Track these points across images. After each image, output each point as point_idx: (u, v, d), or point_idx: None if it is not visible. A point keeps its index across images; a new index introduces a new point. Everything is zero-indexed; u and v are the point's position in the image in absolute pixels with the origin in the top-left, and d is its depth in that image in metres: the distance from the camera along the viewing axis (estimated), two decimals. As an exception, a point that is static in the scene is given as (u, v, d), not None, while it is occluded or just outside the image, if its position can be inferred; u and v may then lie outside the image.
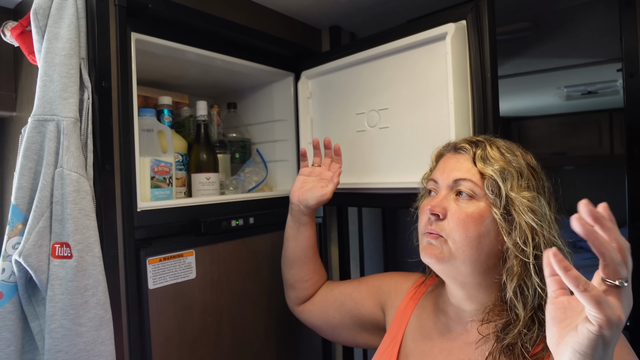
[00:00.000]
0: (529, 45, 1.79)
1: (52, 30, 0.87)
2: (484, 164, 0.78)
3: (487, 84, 0.98)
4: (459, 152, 0.84)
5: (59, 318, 0.83)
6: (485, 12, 0.97)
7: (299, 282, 1.15)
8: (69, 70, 0.87)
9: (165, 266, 1.03)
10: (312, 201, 1.11)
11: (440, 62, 1.02)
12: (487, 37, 0.98)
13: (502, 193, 0.75)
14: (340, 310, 1.09)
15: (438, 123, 1.04)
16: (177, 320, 1.05)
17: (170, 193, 1.16)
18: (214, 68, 1.30)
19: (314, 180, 1.16)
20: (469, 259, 0.77)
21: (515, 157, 0.79)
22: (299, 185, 1.15)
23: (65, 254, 0.84)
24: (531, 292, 0.73)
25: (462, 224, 0.76)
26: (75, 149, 0.86)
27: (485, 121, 0.99)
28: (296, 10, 1.37)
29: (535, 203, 0.75)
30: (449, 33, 0.99)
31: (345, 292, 1.10)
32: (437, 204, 0.79)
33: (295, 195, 1.14)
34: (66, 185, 0.84)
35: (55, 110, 0.85)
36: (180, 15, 1.07)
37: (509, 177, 0.76)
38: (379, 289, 1.05)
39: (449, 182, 0.81)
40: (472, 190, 0.78)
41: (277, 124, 1.52)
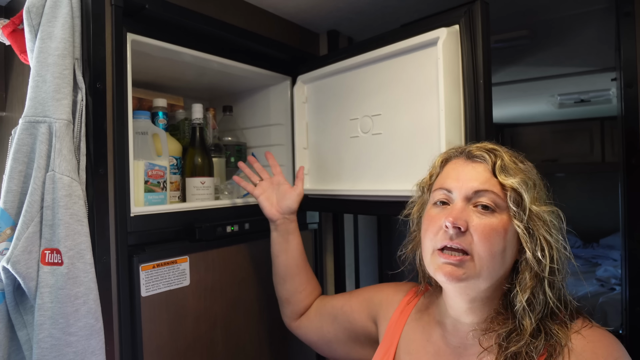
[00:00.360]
0: (525, 53, 1.80)
1: (45, 29, 0.85)
2: (506, 175, 0.74)
3: (479, 91, 0.95)
4: (476, 160, 0.78)
5: (48, 327, 0.80)
6: (478, 16, 0.94)
7: (294, 294, 1.13)
8: (63, 70, 0.84)
9: (158, 273, 1.00)
10: (294, 204, 1.14)
11: (432, 68, 0.99)
12: (481, 42, 0.94)
13: (525, 205, 0.72)
14: (333, 325, 1.06)
15: (431, 130, 1.01)
16: (170, 328, 1.03)
17: (164, 197, 1.14)
18: (210, 70, 1.28)
19: (273, 190, 1.19)
20: (491, 275, 0.74)
21: (526, 165, 0.78)
22: (268, 202, 1.16)
23: (56, 260, 0.81)
24: (540, 302, 0.72)
25: (487, 238, 0.72)
26: (67, 152, 0.83)
27: (477, 128, 0.96)
28: (294, 14, 1.36)
29: (552, 216, 0.74)
30: (440, 38, 0.96)
31: (337, 306, 1.07)
32: (459, 216, 0.73)
33: (273, 212, 1.15)
34: (57, 190, 0.81)
35: (48, 112, 0.83)
36: (177, 17, 1.04)
37: (529, 189, 0.74)
38: (370, 301, 1.02)
39: (467, 193, 0.75)
40: (495, 202, 0.74)
41: (273, 128, 1.50)
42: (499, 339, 0.74)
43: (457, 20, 0.97)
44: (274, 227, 1.15)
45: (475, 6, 0.94)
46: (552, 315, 0.73)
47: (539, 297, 0.72)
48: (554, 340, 0.71)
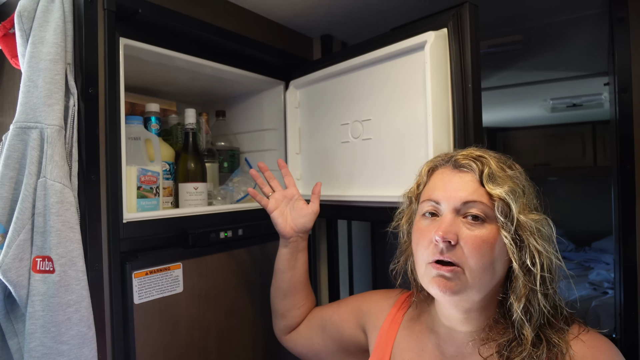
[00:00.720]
0: (518, 58, 1.81)
1: (37, 33, 0.84)
2: (493, 184, 0.73)
3: (468, 95, 0.93)
4: (462, 169, 0.77)
5: (39, 336, 0.79)
6: (467, 19, 0.92)
7: (291, 310, 1.10)
8: (54, 75, 0.83)
9: (151, 280, 0.99)
10: (310, 223, 1.08)
11: (420, 72, 0.98)
12: (469, 45, 0.93)
13: (513, 216, 0.71)
14: (322, 336, 1.04)
15: (419, 135, 1.00)
16: (163, 335, 1.02)
17: (157, 203, 1.13)
18: (203, 75, 1.27)
19: (288, 205, 1.11)
20: (484, 286, 0.73)
21: (516, 172, 0.77)
22: (282, 219, 1.08)
23: (47, 268, 0.80)
24: (537, 311, 0.71)
25: (478, 250, 0.71)
26: (59, 158, 0.82)
27: (465, 133, 0.94)
28: (288, 18, 1.35)
29: (541, 225, 0.73)
30: (428, 42, 0.95)
31: (326, 317, 1.05)
32: (449, 230, 0.72)
33: (288, 229, 1.07)
34: (49, 196, 0.80)
35: (39, 118, 0.82)
36: (171, 21, 1.04)
37: (518, 197, 0.72)
38: (358, 309, 1.00)
39: (455, 205, 0.74)
40: (484, 212, 0.72)
41: (266, 133, 1.50)
42: (499, 348, 0.73)
43: (445, 24, 0.96)
44: (285, 244, 1.09)
45: (464, 9, 0.93)
46: (549, 323, 0.73)
47: (535, 305, 0.71)
48: (556, 349, 0.70)
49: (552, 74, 2.14)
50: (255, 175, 1.16)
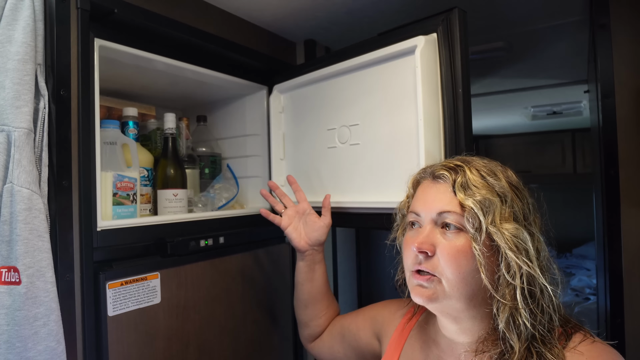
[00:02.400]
0: (500, 65, 1.82)
1: (4, 32, 0.80)
2: (465, 193, 0.72)
3: (458, 100, 0.93)
4: (438, 180, 0.78)
5: (3, 352, 0.74)
6: (456, 24, 0.93)
7: (313, 319, 1.12)
8: (23, 76, 0.79)
9: (127, 291, 0.95)
10: (323, 236, 1.09)
11: (410, 77, 0.98)
12: (459, 50, 0.93)
13: (483, 227, 0.70)
14: (342, 344, 1.06)
15: (409, 140, 0.99)
16: (139, 349, 0.97)
17: (134, 211, 1.08)
18: (184, 79, 1.24)
19: (300, 220, 1.13)
20: (464, 296, 0.73)
21: (497, 179, 0.74)
22: (296, 234, 1.10)
23: (13, 279, 0.75)
24: (523, 322, 0.69)
25: (453, 260, 0.71)
26: (27, 163, 0.78)
27: (456, 138, 0.94)
28: (270, 22, 1.33)
29: (519, 236, 0.70)
30: (418, 46, 0.94)
31: (345, 325, 1.07)
32: (424, 241, 0.74)
33: (302, 244, 1.09)
34: (16, 203, 0.76)
35: (6, 120, 0.77)
36: (149, 22, 1.01)
37: (491, 208, 0.71)
38: (373, 319, 1.01)
39: (432, 216, 0.75)
40: (459, 222, 0.72)
41: (249, 139, 1.47)
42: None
43: (434, 29, 0.96)
44: (301, 257, 1.11)
45: (453, 14, 0.93)
46: (543, 337, 0.70)
47: (520, 319, 0.69)
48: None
49: (533, 81, 2.16)
50: (266, 195, 1.19)
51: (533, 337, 0.69)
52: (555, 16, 1.35)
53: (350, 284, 1.88)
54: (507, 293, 0.70)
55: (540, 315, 0.69)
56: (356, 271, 1.93)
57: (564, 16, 1.34)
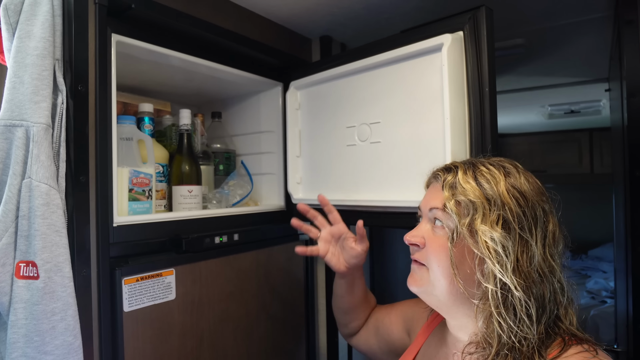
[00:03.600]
0: (518, 63, 1.79)
1: (24, 27, 0.80)
2: (449, 192, 0.75)
3: (484, 98, 0.94)
4: (435, 179, 0.82)
5: (22, 346, 0.74)
6: (483, 22, 0.93)
7: (353, 322, 1.14)
8: (42, 71, 0.79)
9: (142, 287, 0.95)
10: (362, 261, 1.07)
11: (435, 75, 0.98)
12: (486, 49, 0.93)
13: (457, 228, 0.72)
14: (377, 336, 1.09)
15: (433, 139, 0.99)
16: (154, 345, 0.97)
17: (149, 207, 1.09)
18: (199, 75, 1.24)
19: (337, 244, 1.10)
20: (446, 290, 0.75)
21: (493, 182, 0.72)
22: (335, 260, 1.08)
23: (31, 274, 0.76)
24: (499, 325, 0.68)
25: (435, 253, 0.76)
26: (45, 158, 0.78)
27: (482, 137, 0.94)
28: (286, 18, 1.32)
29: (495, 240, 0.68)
30: (445, 44, 0.94)
31: (379, 318, 1.10)
32: (414, 234, 0.80)
33: (342, 268, 1.07)
34: (34, 198, 0.76)
35: (25, 115, 0.77)
36: (166, 18, 1.00)
37: (471, 210, 0.71)
38: (405, 314, 1.04)
39: (425, 211, 0.81)
40: (443, 219, 0.76)
41: (263, 136, 1.46)
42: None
43: (461, 27, 0.95)
44: (341, 276, 1.10)
45: (480, 12, 0.93)
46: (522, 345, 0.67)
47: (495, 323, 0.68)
48: None
49: (552, 79, 2.12)
50: (299, 226, 1.13)
51: (512, 343, 0.67)
52: (577, 12, 1.31)
53: (363, 283, 1.87)
54: (483, 294, 0.70)
55: (519, 325, 0.67)
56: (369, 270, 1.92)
57: (587, 12, 1.31)
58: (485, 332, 0.71)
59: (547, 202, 0.75)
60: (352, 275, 1.09)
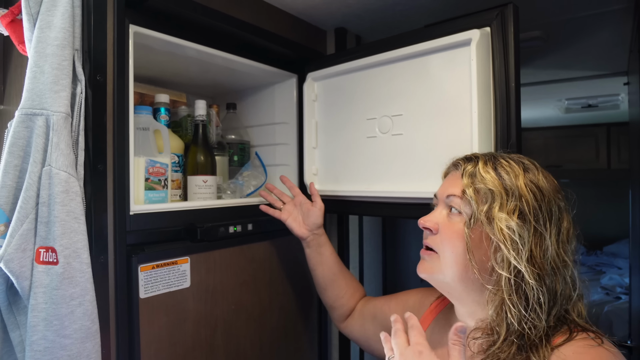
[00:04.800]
0: (536, 56, 1.76)
1: (44, 18, 0.81)
2: (468, 180, 0.77)
3: (511, 94, 0.95)
4: (455, 168, 0.84)
5: (42, 329, 0.76)
6: (510, 19, 0.95)
7: (337, 300, 1.18)
8: (62, 61, 0.81)
9: (158, 274, 0.96)
10: (319, 219, 1.17)
11: (460, 69, 0.99)
12: (512, 45, 0.95)
13: (475, 214, 0.74)
14: (373, 323, 1.10)
15: (458, 133, 1.00)
16: (169, 331, 0.99)
17: (165, 196, 1.10)
18: (214, 66, 1.24)
19: (297, 210, 1.21)
20: (457, 276, 0.77)
21: (512, 175, 0.74)
22: (296, 223, 1.19)
23: (51, 259, 0.77)
24: (511, 313, 0.69)
25: (449, 239, 0.77)
26: (65, 147, 0.80)
27: (508, 132, 0.95)
28: (302, 10, 1.32)
29: (512, 228, 0.70)
30: (473, 39, 0.96)
31: (377, 305, 1.12)
32: (429, 219, 0.81)
33: (303, 230, 1.18)
34: (54, 185, 0.78)
35: (45, 104, 0.79)
36: (182, 9, 1.01)
37: (489, 198, 0.73)
38: (406, 302, 1.06)
39: (443, 198, 0.82)
40: (460, 206, 0.78)
41: (278, 127, 1.46)
42: (482, 347, 0.74)
43: (488, 23, 0.97)
44: (306, 245, 1.19)
45: (508, 10, 0.95)
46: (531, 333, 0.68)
47: (507, 310, 0.69)
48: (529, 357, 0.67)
49: (569, 72, 2.09)
50: (264, 195, 1.26)
51: (522, 331, 0.69)
52: (595, 4, 1.29)
53: (375, 275, 1.88)
54: (496, 282, 0.72)
55: (531, 313, 0.69)
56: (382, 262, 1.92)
57: (606, 4, 1.28)
58: (494, 319, 0.72)
59: (562, 200, 0.76)
60: (315, 241, 1.17)
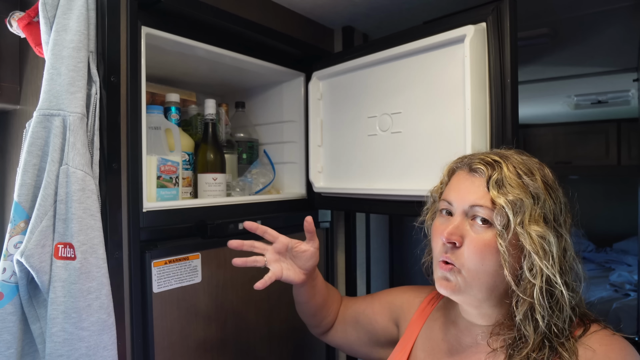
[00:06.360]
0: (544, 52, 1.76)
1: (60, 21, 0.84)
2: (498, 191, 0.73)
3: (506, 90, 0.94)
4: (474, 173, 0.78)
5: (61, 321, 0.79)
6: (506, 14, 0.93)
7: (323, 320, 1.08)
8: (77, 63, 0.83)
9: (170, 269, 0.99)
10: (317, 260, 1.01)
11: (457, 66, 0.98)
12: (508, 40, 0.94)
13: (511, 226, 0.71)
14: (355, 327, 1.07)
15: (454, 130, 1.00)
16: (181, 325, 1.02)
17: (176, 193, 1.13)
18: (223, 65, 1.27)
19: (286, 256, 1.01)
20: (485, 287, 0.75)
21: (534, 179, 0.74)
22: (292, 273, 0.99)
23: (69, 255, 0.81)
24: (540, 318, 0.71)
25: (479, 253, 0.73)
26: (81, 146, 0.82)
27: (503, 129, 0.95)
28: (309, 9, 1.34)
29: (545, 239, 0.71)
30: (467, 35, 0.95)
31: (359, 310, 1.07)
32: (454, 232, 0.75)
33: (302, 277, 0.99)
34: (71, 184, 0.81)
35: (62, 105, 0.82)
36: (192, 10, 1.03)
37: (522, 209, 0.72)
38: (391, 304, 1.03)
39: (464, 207, 0.77)
40: (490, 217, 0.74)
41: (285, 125, 1.49)
42: (504, 343, 0.75)
43: (484, 18, 0.96)
44: (301, 285, 1.01)
45: (504, 4, 0.93)
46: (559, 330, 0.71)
47: (537, 314, 0.71)
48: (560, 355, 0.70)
49: (578, 69, 2.09)
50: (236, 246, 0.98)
51: (548, 331, 0.71)
52: (604, 1, 1.29)
53: (382, 271, 1.90)
54: (527, 289, 0.71)
55: (557, 313, 0.71)
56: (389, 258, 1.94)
57: (615, 0, 1.28)
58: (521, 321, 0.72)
59: (564, 195, 0.78)
60: (311, 279, 1.02)
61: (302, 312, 1.09)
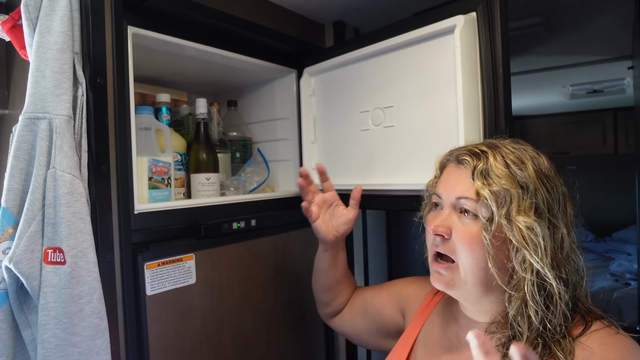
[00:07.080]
0: (537, 42, 1.75)
1: (44, 23, 0.83)
2: (483, 182, 0.71)
3: (498, 80, 0.93)
4: (460, 165, 0.78)
5: (52, 327, 0.78)
6: (497, 3, 0.93)
7: (335, 299, 1.13)
8: (62, 65, 0.82)
9: (163, 271, 0.98)
10: (350, 229, 1.09)
11: (448, 57, 0.97)
12: (499, 29, 0.93)
13: (495, 218, 0.70)
14: (364, 317, 1.08)
15: (447, 121, 0.99)
16: (177, 327, 1.01)
17: (168, 194, 1.12)
18: (214, 64, 1.25)
19: (327, 211, 1.10)
20: (479, 281, 0.74)
21: (523, 168, 0.72)
22: (325, 227, 1.07)
23: (58, 259, 0.79)
24: (534, 313, 0.69)
25: (467, 245, 0.73)
26: (68, 149, 0.81)
27: (496, 119, 0.94)
28: (299, 5, 1.33)
29: (533, 230, 0.68)
30: (457, 25, 0.94)
31: (367, 299, 1.09)
32: (440, 224, 0.76)
33: (331, 236, 1.07)
34: (59, 187, 0.79)
35: (48, 108, 0.81)
36: (179, 9, 1.02)
37: (507, 200, 0.70)
38: (399, 294, 1.03)
39: (451, 200, 0.76)
40: (475, 209, 0.73)
41: (279, 123, 1.47)
42: (500, 342, 0.73)
43: (474, 7, 0.95)
44: (325, 248, 1.09)
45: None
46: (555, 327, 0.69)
47: (529, 310, 0.69)
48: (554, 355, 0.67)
49: (573, 58, 2.08)
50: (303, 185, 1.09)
51: (543, 328, 0.68)
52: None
53: (380, 267, 1.89)
54: (519, 284, 0.70)
55: (552, 309, 0.69)
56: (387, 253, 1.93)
57: (606, -12, 1.28)
58: (515, 318, 0.70)
59: (563, 183, 0.75)
60: (336, 247, 1.09)
61: (318, 283, 1.14)
